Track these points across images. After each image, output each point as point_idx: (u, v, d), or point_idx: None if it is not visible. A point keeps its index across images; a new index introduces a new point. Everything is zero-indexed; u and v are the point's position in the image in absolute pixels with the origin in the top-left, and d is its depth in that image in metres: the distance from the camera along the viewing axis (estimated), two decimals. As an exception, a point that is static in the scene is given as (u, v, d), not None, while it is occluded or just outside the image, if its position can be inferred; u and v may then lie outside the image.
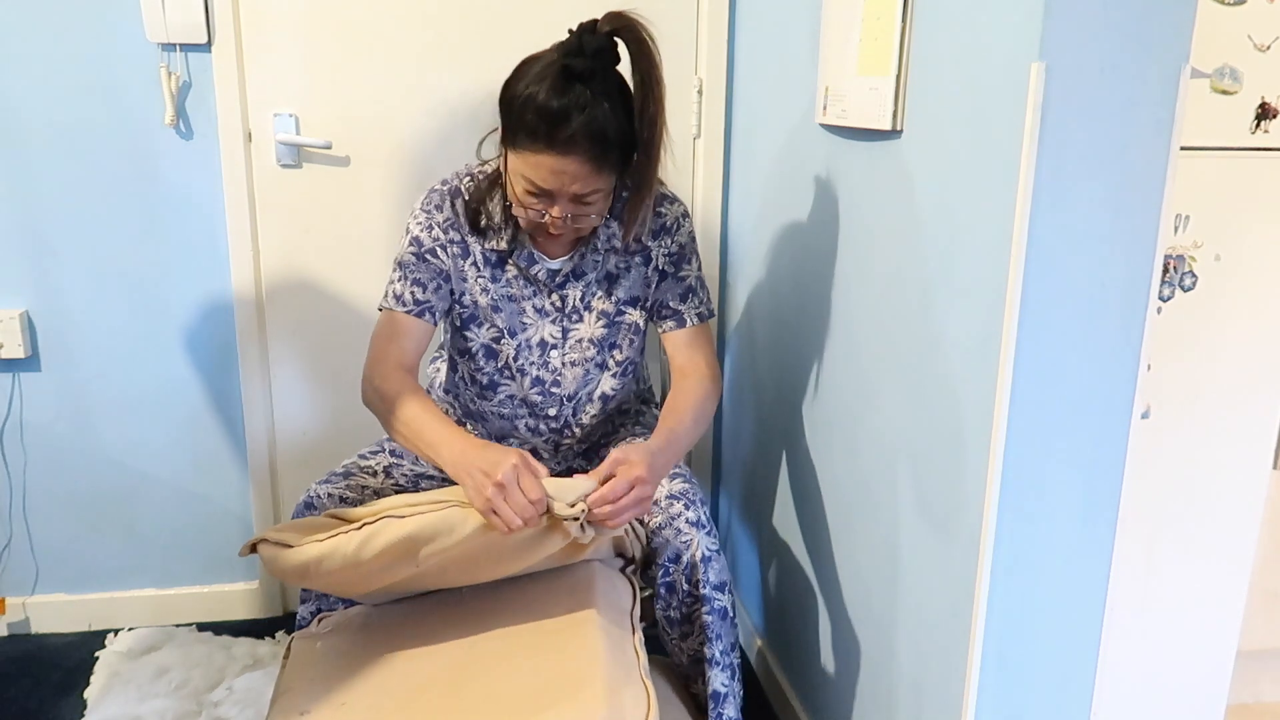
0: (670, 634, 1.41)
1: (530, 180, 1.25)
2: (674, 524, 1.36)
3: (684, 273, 1.46)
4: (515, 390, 1.47)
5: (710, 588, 1.36)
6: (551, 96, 1.19)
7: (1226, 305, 1.47)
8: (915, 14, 1.20)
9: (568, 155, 1.21)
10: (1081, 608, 1.13)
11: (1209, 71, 1.38)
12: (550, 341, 1.43)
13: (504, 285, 1.42)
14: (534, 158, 1.23)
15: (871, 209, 1.35)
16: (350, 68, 1.92)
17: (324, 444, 2.08)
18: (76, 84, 1.84)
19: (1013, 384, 1.03)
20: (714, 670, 1.39)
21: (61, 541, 2.06)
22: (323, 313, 2.03)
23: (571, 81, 1.20)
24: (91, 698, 1.82)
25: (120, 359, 1.98)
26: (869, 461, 1.39)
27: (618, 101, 1.22)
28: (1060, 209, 0.99)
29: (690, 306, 1.47)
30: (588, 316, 1.44)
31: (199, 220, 1.94)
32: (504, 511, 1.12)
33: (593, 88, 1.20)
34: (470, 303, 1.43)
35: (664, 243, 1.44)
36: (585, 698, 1.13)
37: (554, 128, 1.20)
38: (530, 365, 1.45)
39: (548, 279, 1.41)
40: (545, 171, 1.23)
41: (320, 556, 1.19)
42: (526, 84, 1.22)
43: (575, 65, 1.20)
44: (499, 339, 1.44)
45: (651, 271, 1.44)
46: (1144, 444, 1.47)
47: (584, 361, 1.45)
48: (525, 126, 1.22)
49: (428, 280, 1.39)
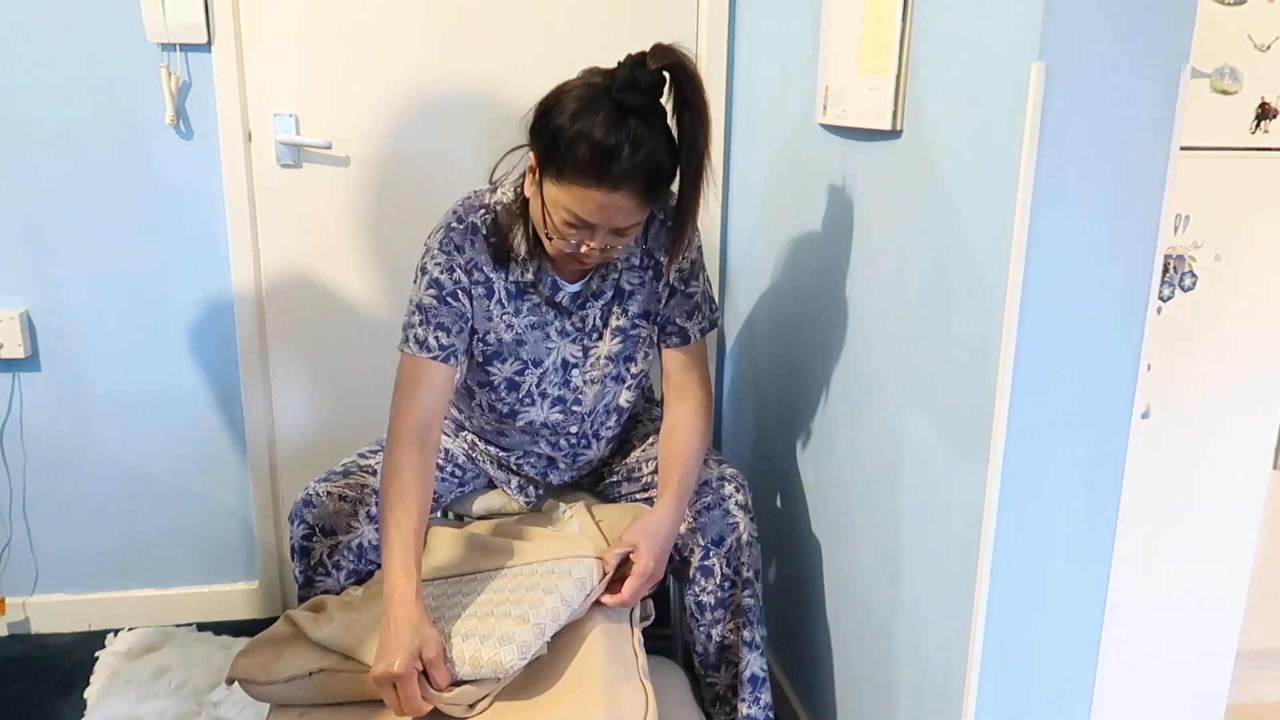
0: (700, 620, 1.42)
1: (573, 213, 1.23)
2: (724, 505, 1.39)
3: (692, 289, 1.45)
4: (536, 415, 1.46)
5: (751, 573, 1.40)
6: (609, 133, 1.17)
7: (1226, 305, 1.47)
8: (915, 14, 1.20)
9: (618, 191, 1.19)
10: (1081, 608, 1.13)
11: (1209, 71, 1.38)
12: (572, 361, 1.43)
13: (526, 315, 1.40)
14: (582, 191, 1.20)
15: (871, 209, 1.35)
16: (350, 68, 1.92)
17: (324, 444, 2.08)
18: (76, 84, 1.84)
19: (1013, 384, 1.03)
20: (753, 654, 1.42)
21: (61, 541, 2.06)
22: (323, 313, 2.03)
23: (626, 117, 1.18)
24: (91, 698, 1.82)
25: (120, 359, 1.98)
26: (869, 461, 1.39)
27: (668, 136, 1.21)
28: (1060, 209, 0.99)
29: (695, 323, 1.46)
30: (605, 334, 1.43)
31: (199, 220, 1.94)
32: (388, 697, 1.12)
33: (647, 123, 1.19)
34: (495, 340, 1.40)
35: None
36: (584, 697, 1.13)
37: (609, 163, 1.17)
38: (552, 387, 1.45)
39: (570, 302, 1.40)
40: (593, 205, 1.21)
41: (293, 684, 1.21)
42: (574, 116, 1.18)
43: (630, 100, 1.18)
44: (522, 371, 1.43)
45: (662, 287, 1.43)
46: (1144, 444, 1.47)
47: (603, 379, 1.45)
48: (575, 161, 1.19)
49: (450, 324, 1.35)
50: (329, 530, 1.38)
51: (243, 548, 2.13)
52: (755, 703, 1.42)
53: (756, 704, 1.43)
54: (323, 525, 1.38)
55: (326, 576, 1.39)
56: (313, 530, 1.38)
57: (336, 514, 1.38)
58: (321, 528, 1.38)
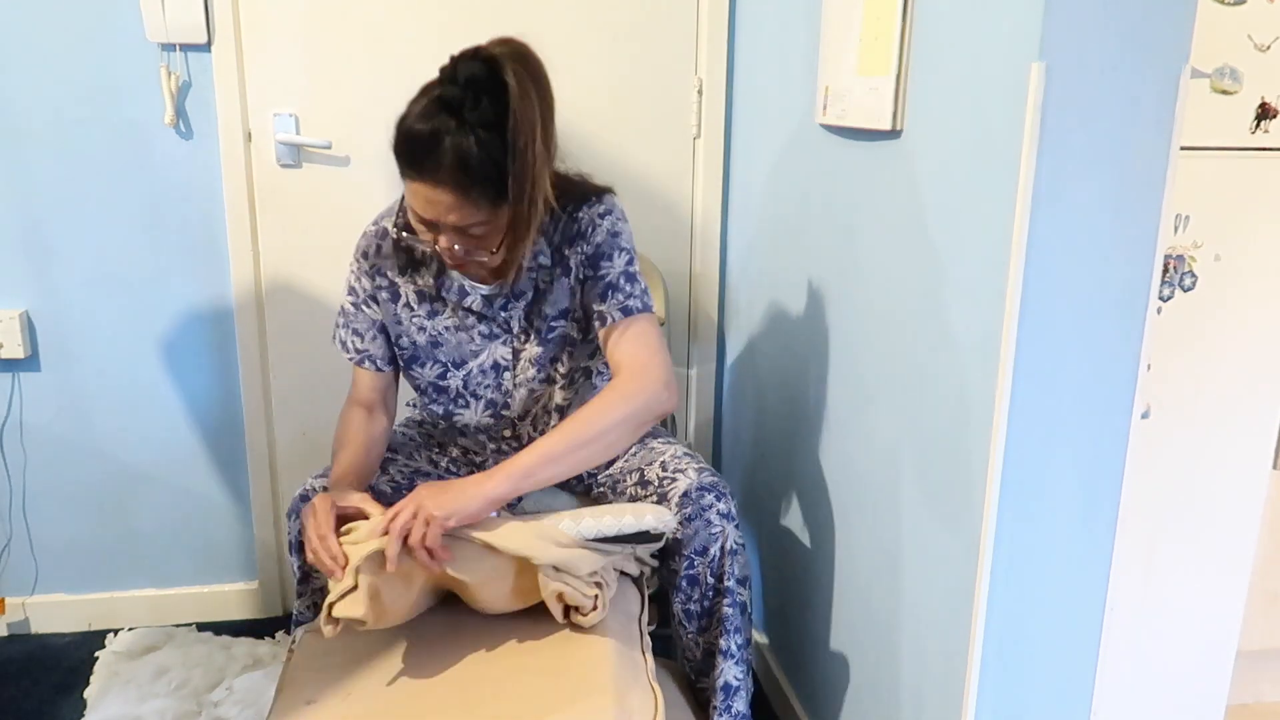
0: (687, 628, 1.41)
1: (413, 209, 1.25)
2: (705, 515, 1.35)
3: (603, 270, 1.37)
4: (470, 418, 1.46)
5: (734, 580, 1.37)
6: (419, 122, 1.19)
7: (1226, 305, 1.47)
8: (915, 14, 1.20)
9: (437, 185, 1.20)
10: (1081, 608, 1.13)
11: (1209, 71, 1.38)
12: (503, 364, 1.42)
13: (445, 318, 1.41)
14: (410, 185, 1.23)
15: (871, 209, 1.35)
16: (350, 68, 1.92)
17: (324, 444, 2.07)
18: (76, 84, 1.84)
19: (1013, 384, 1.03)
20: (727, 663, 1.39)
21: (61, 541, 2.06)
22: (323, 313, 2.03)
23: (439, 110, 1.19)
24: (91, 698, 1.82)
25: (120, 359, 1.98)
26: (869, 461, 1.39)
27: (492, 132, 1.18)
28: (1060, 209, 0.99)
29: (613, 304, 1.37)
30: (532, 336, 1.42)
31: (199, 220, 1.94)
32: (306, 538, 1.22)
33: (459, 117, 1.18)
34: (409, 344, 1.42)
35: (580, 248, 1.37)
36: (594, 700, 1.13)
37: (419, 155, 1.19)
38: (484, 389, 1.44)
39: (484, 306, 1.39)
40: (421, 200, 1.22)
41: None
42: (408, 109, 1.22)
43: (446, 94, 1.19)
44: (444, 374, 1.43)
45: (573, 281, 1.39)
46: (1144, 444, 1.47)
47: (528, 382, 1.44)
48: (399, 154, 1.22)
49: (364, 330, 1.43)
50: None
51: (242, 547, 2.13)
52: (727, 711, 1.41)
53: (728, 712, 1.41)
54: None
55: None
56: None
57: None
58: None
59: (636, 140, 2.03)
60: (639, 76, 1.99)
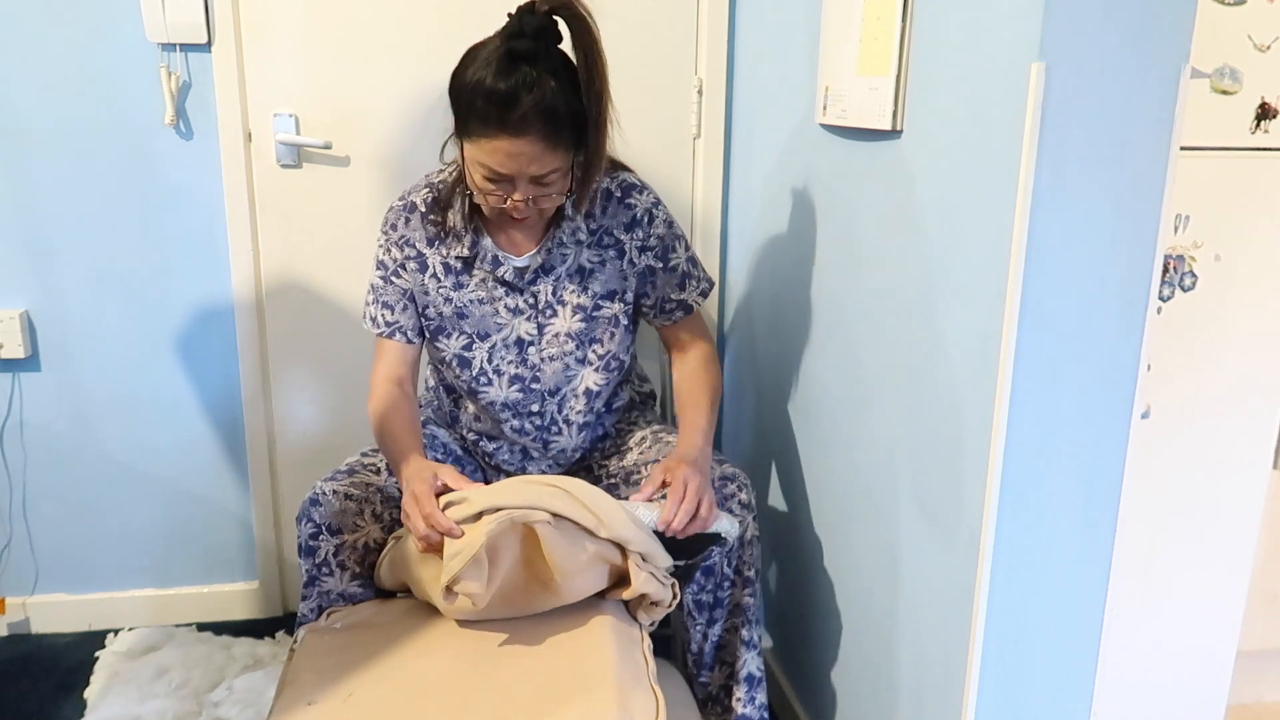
0: (696, 619, 1.42)
1: (488, 167, 1.26)
2: (727, 504, 1.39)
3: (673, 261, 1.47)
4: (495, 394, 1.47)
5: (752, 570, 1.40)
6: (499, 79, 1.21)
7: (1226, 305, 1.47)
8: (915, 14, 1.20)
9: (521, 136, 1.22)
10: (1081, 608, 1.13)
11: (1209, 71, 1.38)
12: (527, 339, 1.44)
13: (471, 290, 1.43)
14: (489, 143, 1.24)
15: (871, 209, 1.35)
16: (350, 68, 1.92)
17: (324, 444, 2.08)
18: (76, 84, 1.84)
19: (1013, 384, 1.03)
20: (750, 653, 1.42)
21: (61, 541, 2.06)
22: (323, 312, 2.03)
23: (517, 63, 1.21)
24: (91, 698, 1.82)
25: (120, 359, 1.98)
26: (869, 461, 1.39)
27: (564, 78, 1.23)
28: (1060, 209, 0.99)
29: (691, 290, 1.50)
30: (562, 311, 1.44)
31: (199, 220, 1.94)
32: (412, 519, 1.22)
33: (538, 67, 1.21)
34: (435, 314, 1.45)
35: (636, 235, 1.44)
36: (596, 700, 1.13)
37: (506, 110, 1.21)
38: (507, 365, 1.46)
39: (516, 277, 1.42)
40: (501, 155, 1.24)
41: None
42: (471, 73, 1.23)
43: (518, 47, 1.21)
44: (469, 346, 1.45)
45: (626, 265, 1.44)
46: (1144, 444, 1.47)
47: (562, 356, 1.45)
48: (476, 113, 1.23)
49: (394, 301, 1.45)
50: (335, 529, 1.38)
51: (243, 548, 2.13)
52: (751, 702, 1.42)
53: (752, 703, 1.42)
54: (329, 524, 1.38)
55: (330, 576, 1.39)
56: (319, 529, 1.38)
57: (343, 512, 1.38)
58: (328, 526, 1.38)
59: (636, 140, 2.03)
60: (639, 76, 1.99)
